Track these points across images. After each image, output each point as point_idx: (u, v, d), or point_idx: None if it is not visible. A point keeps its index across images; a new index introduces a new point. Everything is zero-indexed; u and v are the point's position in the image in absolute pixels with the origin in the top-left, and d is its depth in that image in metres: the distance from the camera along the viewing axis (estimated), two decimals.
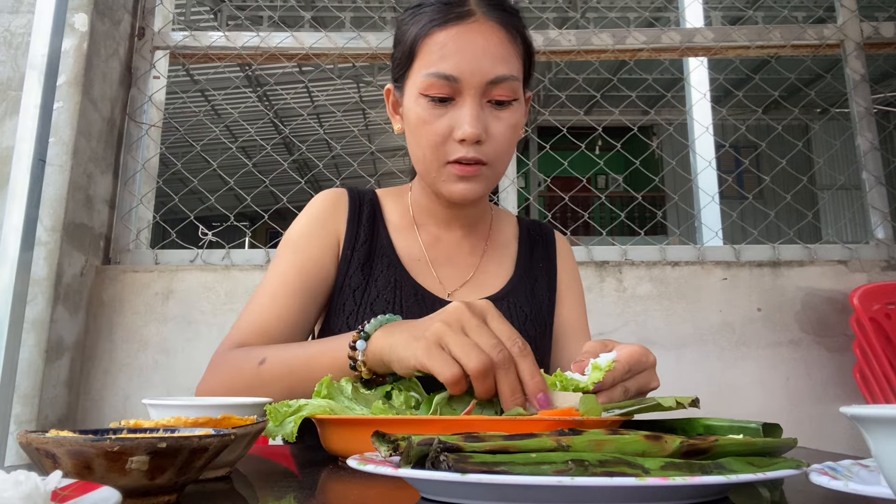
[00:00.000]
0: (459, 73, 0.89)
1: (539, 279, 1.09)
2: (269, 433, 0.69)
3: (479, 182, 0.93)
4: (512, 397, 0.65)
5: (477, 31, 0.91)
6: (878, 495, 0.42)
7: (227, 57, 2.38)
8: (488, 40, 0.91)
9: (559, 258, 1.13)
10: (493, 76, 0.90)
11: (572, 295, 1.12)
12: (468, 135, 0.89)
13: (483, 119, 0.91)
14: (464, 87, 0.90)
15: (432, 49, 0.91)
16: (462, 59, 0.90)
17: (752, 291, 2.06)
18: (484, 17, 0.93)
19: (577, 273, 1.16)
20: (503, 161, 0.96)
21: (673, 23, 6.66)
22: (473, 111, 0.90)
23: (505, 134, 0.93)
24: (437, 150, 0.92)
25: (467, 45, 0.90)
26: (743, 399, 1.97)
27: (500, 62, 0.91)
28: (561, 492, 0.41)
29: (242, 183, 2.54)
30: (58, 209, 1.86)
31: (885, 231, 2.17)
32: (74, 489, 0.39)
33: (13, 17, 2.00)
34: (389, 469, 0.45)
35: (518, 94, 0.94)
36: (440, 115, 0.91)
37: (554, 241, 1.15)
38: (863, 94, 2.28)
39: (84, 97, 1.96)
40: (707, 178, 2.46)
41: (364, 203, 1.07)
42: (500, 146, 0.93)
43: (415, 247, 1.04)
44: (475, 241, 1.07)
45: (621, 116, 2.54)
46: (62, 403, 1.86)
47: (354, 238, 1.03)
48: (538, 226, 1.17)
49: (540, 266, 1.11)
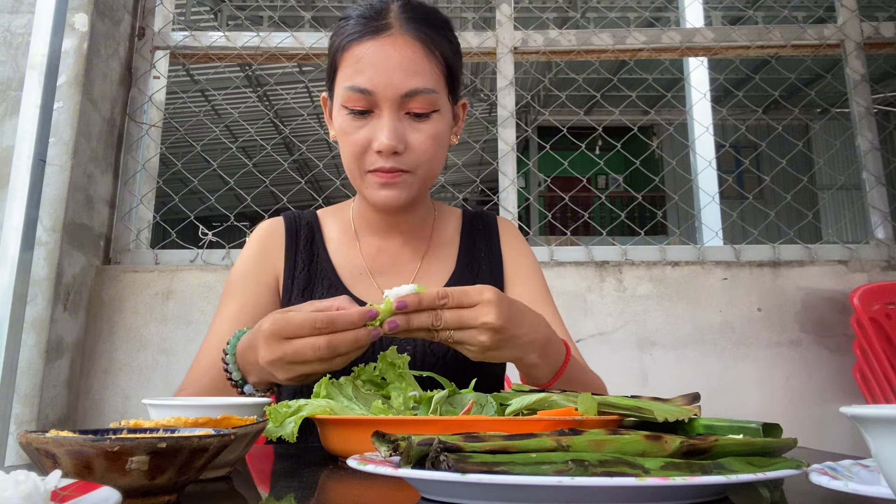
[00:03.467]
0: (374, 87, 0.92)
1: (482, 269, 1.09)
2: (269, 433, 0.69)
3: (401, 188, 0.95)
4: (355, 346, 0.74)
5: (391, 45, 0.93)
6: (878, 495, 0.42)
7: (227, 57, 2.38)
8: (402, 54, 0.93)
9: (503, 242, 1.12)
10: (407, 89, 0.92)
11: (524, 274, 1.10)
12: (384, 147, 0.91)
13: (400, 131, 0.93)
14: (379, 100, 0.92)
15: (349, 62, 0.94)
16: (376, 73, 0.92)
17: (752, 291, 2.05)
18: (400, 30, 0.94)
19: (527, 252, 1.14)
20: (428, 168, 0.97)
21: (673, 23, 6.66)
22: (389, 123, 0.92)
23: (425, 144, 0.94)
24: (359, 161, 0.95)
25: (381, 60, 0.92)
26: (743, 399, 1.97)
27: (414, 76, 0.92)
28: (561, 492, 0.41)
29: (242, 183, 2.55)
30: (58, 209, 1.86)
31: (886, 231, 2.17)
32: (74, 489, 0.39)
33: (13, 17, 2.00)
34: (389, 469, 0.45)
35: (438, 105, 0.95)
36: (359, 126, 0.94)
37: (496, 227, 1.14)
38: (863, 94, 2.28)
39: (84, 97, 1.96)
40: (707, 178, 2.46)
41: (301, 228, 1.09)
42: (421, 156, 0.94)
43: (356, 261, 1.06)
44: (416, 245, 1.08)
45: (621, 116, 2.54)
46: (62, 403, 1.86)
47: (293, 267, 1.06)
48: (481, 216, 1.17)
49: (482, 255, 1.10)
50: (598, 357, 2.01)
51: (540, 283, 1.11)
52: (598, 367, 2.12)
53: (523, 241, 1.15)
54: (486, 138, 5.47)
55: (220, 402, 0.72)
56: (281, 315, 0.74)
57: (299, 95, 7.26)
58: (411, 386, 0.76)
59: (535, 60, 2.43)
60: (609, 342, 2.02)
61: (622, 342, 2.02)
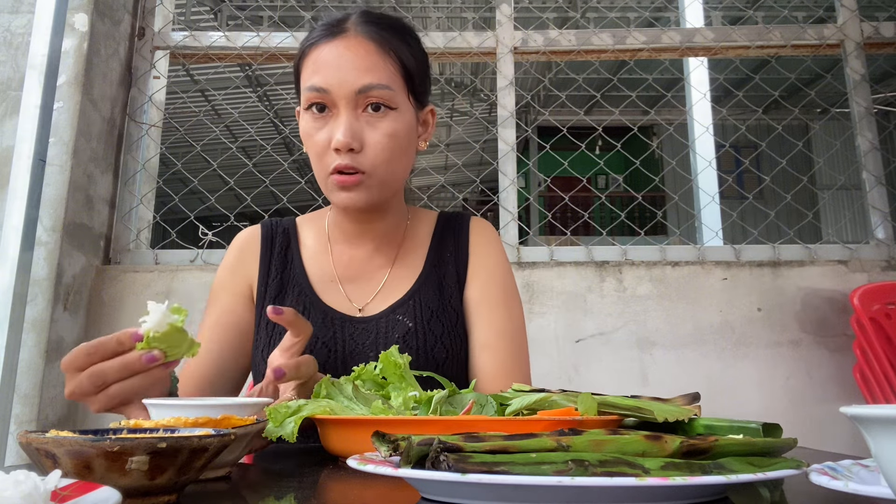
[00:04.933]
0: (328, 85, 0.94)
1: (448, 270, 1.08)
2: (269, 433, 0.69)
3: (360, 190, 0.96)
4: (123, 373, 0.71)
5: (345, 45, 0.96)
6: (878, 495, 0.42)
7: (227, 57, 2.38)
8: (356, 52, 0.95)
9: (472, 242, 1.11)
10: (360, 85, 0.94)
11: (482, 275, 1.08)
12: (339, 143, 0.92)
13: (356, 128, 0.94)
14: (335, 98, 0.94)
15: (308, 66, 0.97)
16: (329, 70, 0.94)
17: (752, 291, 2.06)
18: (355, 32, 0.97)
19: (495, 252, 1.12)
20: (386, 169, 0.97)
21: (673, 23, 6.66)
22: (345, 120, 0.93)
23: (381, 142, 0.95)
24: (321, 161, 0.96)
25: (335, 59, 0.95)
26: (743, 399, 1.97)
27: (367, 72, 0.94)
28: (561, 492, 0.41)
29: (242, 183, 2.54)
30: (58, 209, 1.86)
31: (886, 231, 2.17)
32: (74, 489, 0.39)
33: (13, 17, 2.00)
34: (389, 469, 0.45)
35: (395, 103, 0.96)
36: (320, 127, 0.96)
37: (467, 226, 1.13)
38: (863, 94, 2.28)
39: (84, 97, 1.96)
40: (707, 178, 2.46)
41: (277, 236, 1.12)
42: (377, 154, 0.95)
43: (328, 268, 1.07)
44: (387, 252, 1.08)
45: (621, 116, 2.54)
46: (62, 403, 1.86)
47: (266, 275, 1.08)
48: (455, 216, 1.16)
49: (449, 255, 1.10)
50: (598, 357, 2.02)
51: (496, 286, 1.08)
52: (598, 367, 2.12)
53: (494, 243, 1.13)
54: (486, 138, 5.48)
55: (220, 402, 0.72)
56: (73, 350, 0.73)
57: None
58: (412, 386, 0.76)
59: (535, 60, 2.43)
60: (609, 342, 2.02)
61: (622, 342, 2.02)
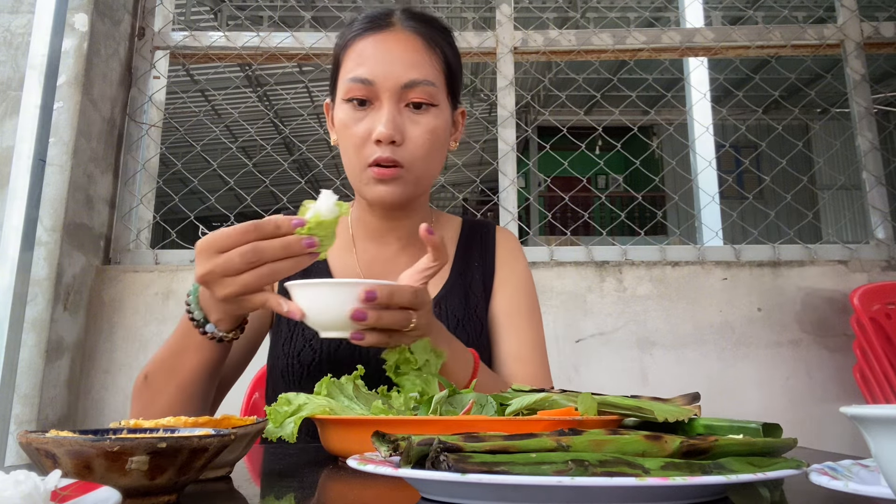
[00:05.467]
0: (374, 77, 0.94)
1: (474, 279, 1.08)
2: (269, 434, 0.69)
3: (397, 184, 0.95)
4: (284, 254, 0.72)
5: (393, 38, 0.97)
6: (878, 495, 0.42)
7: (227, 57, 2.38)
8: (404, 47, 0.96)
9: (498, 253, 1.12)
10: (407, 79, 0.94)
11: (510, 287, 1.09)
12: (382, 135, 0.92)
13: (399, 122, 0.94)
14: (380, 91, 0.94)
15: (352, 56, 0.97)
16: (376, 63, 0.95)
17: (752, 291, 2.05)
18: (402, 27, 0.98)
19: (520, 265, 1.13)
20: (424, 165, 0.97)
21: (673, 23, 6.66)
22: (389, 113, 0.93)
23: (422, 137, 0.95)
24: (359, 153, 0.95)
25: (382, 52, 0.95)
26: (743, 399, 1.97)
27: (413, 67, 0.95)
28: (561, 492, 0.41)
29: (242, 183, 2.55)
30: (58, 209, 1.86)
31: (886, 231, 2.17)
32: (74, 489, 0.39)
33: (13, 17, 2.00)
34: (389, 469, 0.45)
35: (437, 101, 0.97)
36: (360, 118, 0.95)
37: (493, 236, 1.14)
38: (863, 94, 2.28)
39: (84, 97, 1.96)
40: (707, 178, 2.46)
41: None
42: (418, 149, 0.95)
43: (351, 265, 1.06)
44: (412, 253, 1.07)
45: (621, 116, 2.54)
46: (62, 403, 1.86)
47: None
48: (480, 225, 1.16)
49: (475, 265, 1.10)
50: (598, 357, 2.02)
51: (524, 298, 1.09)
52: (598, 367, 2.12)
53: (519, 255, 1.14)
54: (486, 138, 5.48)
55: (371, 283, 0.71)
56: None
57: (299, 95, 7.26)
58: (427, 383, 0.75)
59: (535, 60, 2.43)
60: (609, 342, 2.02)
61: (622, 342, 2.02)
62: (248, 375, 1.48)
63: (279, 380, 1.00)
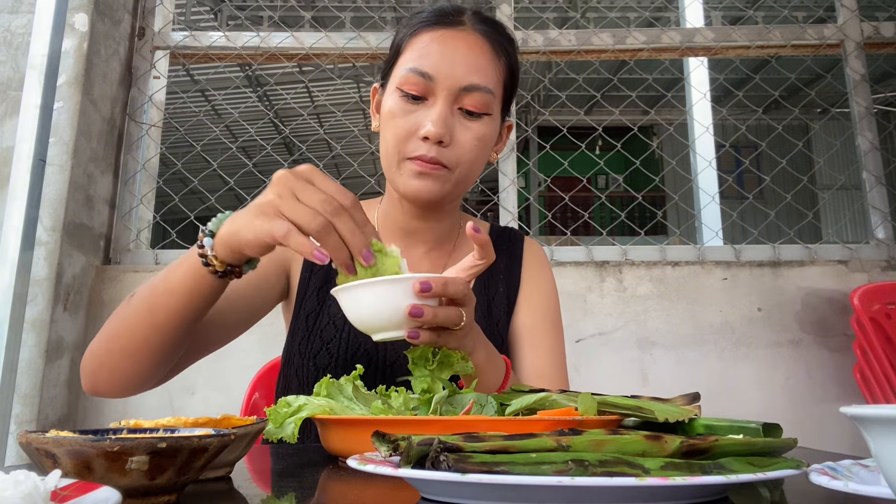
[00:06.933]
0: (435, 73, 0.91)
1: (498, 292, 1.05)
2: (270, 434, 0.69)
3: (436, 181, 0.92)
4: (353, 240, 0.67)
5: (462, 38, 0.94)
6: (878, 495, 0.42)
7: (227, 57, 2.38)
8: (471, 48, 0.93)
9: (525, 266, 1.09)
10: (468, 83, 0.91)
11: (534, 302, 1.06)
12: (431, 133, 0.89)
13: (450, 123, 0.91)
14: (437, 88, 0.91)
15: (416, 47, 0.94)
16: (441, 59, 0.92)
17: (752, 291, 2.05)
18: (473, 28, 0.95)
19: (546, 280, 1.10)
20: (465, 172, 0.94)
21: (673, 23, 6.66)
22: (441, 112, 0.90)
23: (470, 143, 0.92)
24: (401, 145, 0.92)
25: (448, 49, 0.92)
26: (743, 399, 1.97)
27: (476, 71, 0.92)
28: (561, 492, 0.41)
29: (242, 183, 2.54)
30: (58, 209, 1.86)
31: (886, 231, 2.17)
32: (74, 489, 0.39)
33: (13, 17, 2.00)
34: (389, 469, 0.45)
35: (491, 110, 0.94)
36: (411, 111, 0.92)
37: (521, 249, 1.11)
38: (863, 94, 2.28)
39: (84, 97, 1.96)
40: (707, 178, 2.46)
41: None
42: (464, 154, 0.92)
43: None
44: (437, 257, 1.04)
45: (621, 116, 2.55)
46: (62, 403, 1.86)
47: (311, 264, 1.01)
48: (507, 235, 1.13)
49: (500, 278, 1.07)
50: (598, 357, 2.02)
51: (548, 313, 1.07)
52: (598, 367, 2.12)
53: (546, 269, 1.11)
54: None
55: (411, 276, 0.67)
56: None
57: (299, 95, 7.25)
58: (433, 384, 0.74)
59: (535, 60, 2.43)
60: (609, 342, 2.02)
61: (622, 342, 2.02)
62: (249, 375, 1.48)
63: (293, 377, 0.99)
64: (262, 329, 1.65)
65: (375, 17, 3.37)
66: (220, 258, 0.74)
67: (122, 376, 0.84)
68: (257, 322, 1.01)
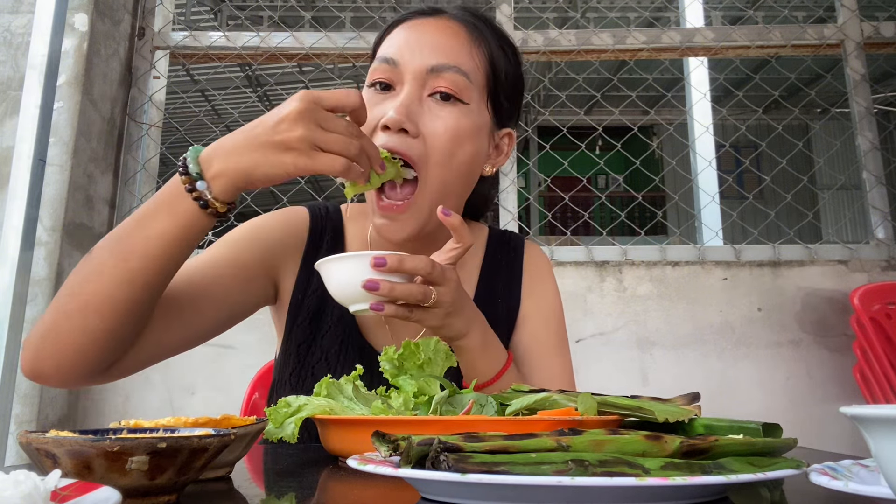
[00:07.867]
0: (399, 56, 0.85)
1: (499, 309, 0.97)
2: (270, 435, 0.69)
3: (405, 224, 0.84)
4: (374, 154, 0.73)
5: (434, 24, 0.88)
6: (878, 495, 0.42)
7: (227, 57, 2.38)
8: (440, 30, 0.87)
9: (526, 277, 1.01)
10: (434, 62, 0.83)
11: (536, 319, 0.99)
12: (389, 119, 0.80)
13: (415, 110, 0.82)
14: (403, 73, 0.84)
15: (386, 41, 0.89)
16: (405, 44, 0.86)
17: (752, 291, 2.05)
18: (450, 17, 0.90)
19: (550, 292, 1.02)
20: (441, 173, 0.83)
21: (673, 23, 6.66)
22: (404, 97, 0.82)
23: (442, 134, 0.82)
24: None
25: (416, 34, 0.87)
26: (743, 399, 1.97)
27: (445, 52, 0.85)
28: (561, 492, 0.41)
29: None
30: (58, 209, 1.86)
31: (886, 231, 2.17)
32: (74, 489, 0.39)
33: (13, 17, 2.00)
34: (389, 469, 0.45)
35: (467, 97, 0.85)
36: (376, 102, 0.84)
37: (521, 260, 1.02)
38: (863, 94, 2.28)
39: (84, 97, 1.96)
40: (707, 178, 2.46)
41: (326, 233, 0.96)
42: (436, 148, 0.82)
43: None
44: None
45: (621, 116, 2.54)
46: (62, 403, 1.86)
47: (306, 282, 0.93)
48: (506, 238, 1.05)
49: (500, 289, 0.99)
50: (598, 357, 2.02)
51: (552, 330, 1.00)
52: (598, 367, 2.12)
53: (548, 279, 1.03)
54: None
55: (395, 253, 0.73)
56: None
57: None
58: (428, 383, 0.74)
59: (535, 60, 2.43)
60: (609, 342, 2.02)
61: (622, 342, 2.02)
62: (249, 375, 1.48)
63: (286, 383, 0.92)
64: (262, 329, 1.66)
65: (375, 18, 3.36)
66: (220, 199, 0.69)
67: (71, 348, 0.70)
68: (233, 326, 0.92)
